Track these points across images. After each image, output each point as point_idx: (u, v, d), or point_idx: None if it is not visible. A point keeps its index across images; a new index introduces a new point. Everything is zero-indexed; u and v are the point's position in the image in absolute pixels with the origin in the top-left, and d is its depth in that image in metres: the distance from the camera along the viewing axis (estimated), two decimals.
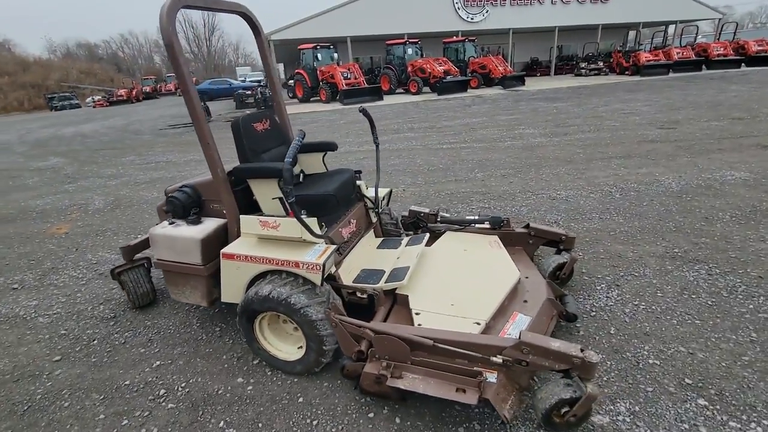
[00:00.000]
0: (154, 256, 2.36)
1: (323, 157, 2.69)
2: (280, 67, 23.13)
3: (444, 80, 16.93)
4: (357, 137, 8.90)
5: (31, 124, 20.45)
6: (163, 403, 1.97)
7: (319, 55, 18.10)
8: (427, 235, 2.66)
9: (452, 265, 2.45)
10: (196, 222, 2.28)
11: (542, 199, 4.33)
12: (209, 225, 2.25)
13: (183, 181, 2.46)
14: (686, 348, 2.08)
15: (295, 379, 2.06)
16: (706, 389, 1.82)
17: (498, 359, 1.66)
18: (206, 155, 2.05)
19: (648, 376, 1.92)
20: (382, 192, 2.76)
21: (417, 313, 2.02)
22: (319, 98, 17.80)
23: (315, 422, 1.81)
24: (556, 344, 1.60)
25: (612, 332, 2.23)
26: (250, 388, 2.03)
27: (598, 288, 2.64)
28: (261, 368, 2.15)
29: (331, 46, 18.85)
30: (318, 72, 17.67)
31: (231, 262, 2.08)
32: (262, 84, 24.60)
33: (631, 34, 32.38)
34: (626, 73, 21.62)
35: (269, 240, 2.10)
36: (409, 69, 18.44)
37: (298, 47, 18.63)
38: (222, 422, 1.84)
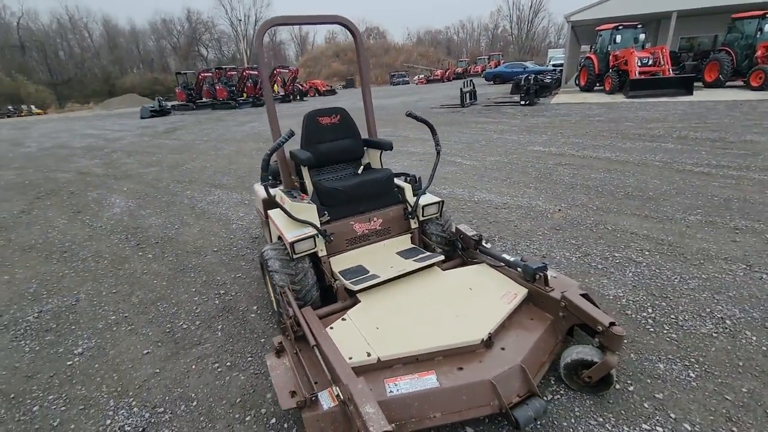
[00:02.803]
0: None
1: (380, 155, 2.85)
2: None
3: None
4: (592, 140, 7.51)
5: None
6: (185, 323, 2.94)
7: (618, 37, 15.17)
8: (441, 257, 2.43)
9: (434, 296, 2.20)
10: (274, 185, 3.04)
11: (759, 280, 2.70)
12: (275, 189, 2.96)
13: None
14: None
15: (262, 340, 2.51)
16: None
17: (335, 390, 1.62)
18: (273, 139, 2.71)
19: None
20: (427, 200, 2.66)
21: (343, 319, 2.08)
22: (603, 88, 15.37)
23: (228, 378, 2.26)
24: (370, 410, 1.42)
25: None
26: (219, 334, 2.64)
27: (644, 427, 1.70)
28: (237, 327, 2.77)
29: (640, 26, 15.39)
30: (610, 57, 15.06)
31: (270, 221, 2.74)
32: (556, 69, 23.21)
33: None
34: None
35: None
36: (758, 53, 12.84)
37: (596, 29, 16.27)
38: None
